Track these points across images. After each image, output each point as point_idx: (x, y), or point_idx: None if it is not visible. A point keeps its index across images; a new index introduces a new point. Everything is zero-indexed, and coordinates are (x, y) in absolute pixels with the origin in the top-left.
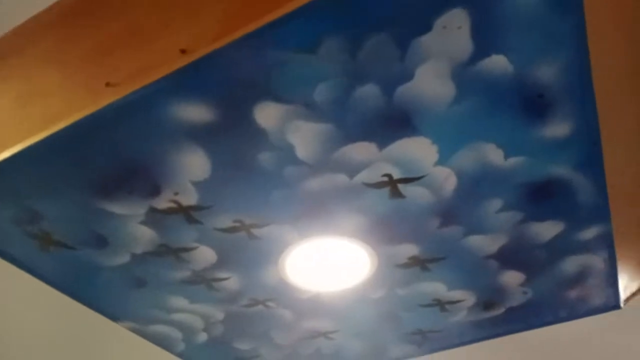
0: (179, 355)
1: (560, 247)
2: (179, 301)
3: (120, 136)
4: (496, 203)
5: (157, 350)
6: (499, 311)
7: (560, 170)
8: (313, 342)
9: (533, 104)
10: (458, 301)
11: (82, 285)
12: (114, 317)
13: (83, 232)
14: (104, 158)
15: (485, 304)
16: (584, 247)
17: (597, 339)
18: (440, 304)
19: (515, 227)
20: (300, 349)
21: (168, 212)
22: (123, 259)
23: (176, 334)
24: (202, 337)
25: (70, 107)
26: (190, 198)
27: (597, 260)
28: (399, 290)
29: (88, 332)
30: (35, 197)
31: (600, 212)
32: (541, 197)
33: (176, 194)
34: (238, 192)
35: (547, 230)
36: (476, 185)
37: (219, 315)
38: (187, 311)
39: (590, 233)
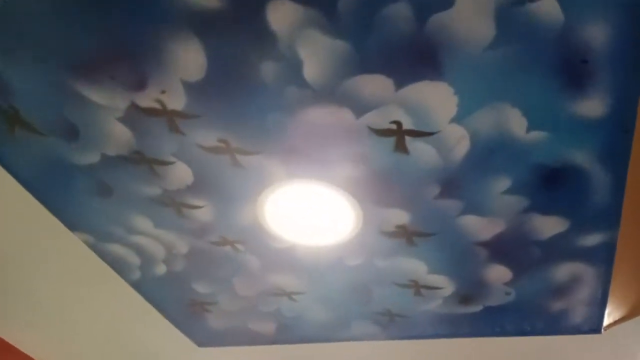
0: (133, 284)
1: (557, 249)
2: (143, 222)
3: (110, 8)
4: (504, 182)
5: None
6: (475, 308)
7: (581, 157)
8: (275, 300)
9: (573, 70)
10: (435, 288)
11: (44, 181)
12: (71, 226)
13: (54, 117)
14: (88, 31)
15: (463, 297)
16: (582, 255)
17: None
18: (416, 287)
19: (517, 215)
20: (261, 304)
21: (150, 113)
22: (93, 157)
23: (134, 259)
24: (161, 269)
25: None
26: (177, 101)
27: (591, 273)
28: (378, 261)
29: (44, 242)
30: (7, 64)
31: (610, 217)
32: (553, 185)
33: (163, 92)
34: (231, 106)
35: (549, 226)
36: (489, 156)
37: (183, 247)
38: (150, 235)
39: (592, 239)
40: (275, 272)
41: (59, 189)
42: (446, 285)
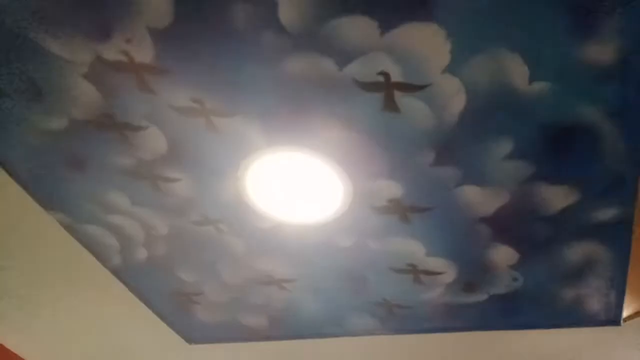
0: (113, 270)
1: (567, 225)
2: (119, 198)
3: None
4: (506, 144)
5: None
6: (480, 297)
7: (592, 113)
8: (265, 289)
9: (582, 5)
10: (436, 273)
11: (14, 155)
12: (46, 204)
13: (17, 74)
14: None
15: (466, 284)
16: (596, 232)
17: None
18: (415, 272)
19: (521, 185)
20: (249, 294)
21: (117, 67)
22: (61, 122)
23: (112, 242)
24: (142, 253)
25: None
26: (144, 52)
27: (606, 255)
28: (371, 242)
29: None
30: None
31: (626, 188)
32: (560, 148)
33: (128, 41)
34: (202, 58)
35: (557, 197)
36: (487, 113)
37: (163, 227)
38: (128, 214)
39: (606, 214)
40: (262, 256)
41: (30, 163)
42: (447, 270)
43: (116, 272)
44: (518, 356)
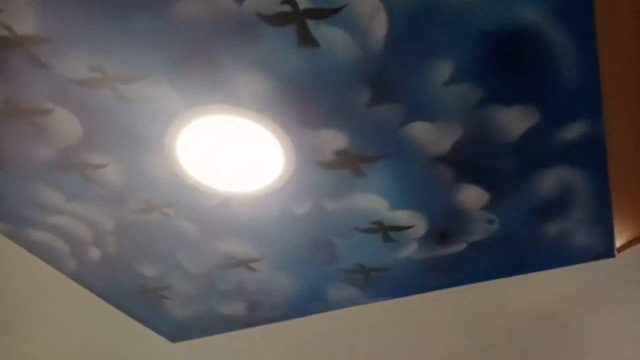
0: (72, 275)
1: (533, 151)
2: (52, 196)
3: None
4: (445, 66)
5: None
6: (459, 247)
7: (532, 13)
8: (233, 273)
9: None
10: (404, 227)
11: None
12: None
13: None
14: None
15: (441, 235)
16: (566, 154)
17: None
18: (383, 230)
19: (472, 112)
20: (218, 281)
21: (1, 45)
22: None
23: (62, 246)
24: (94, 253)
25: None
26: (24, 22)
27: (582, 178)
28: (329, 203)
29: None
30: None
31: (589, 95)
32: (507, 61)
33: (2, 10)
34: (85, 19)
35: (516, 120)
36: (415, 31)
37: (107, 222)
38: (66, 213)
39: (574, 130)
40: (220, 237)
41: None
42: (416, 222)
43: (75, 277)
44: (515, 305)
